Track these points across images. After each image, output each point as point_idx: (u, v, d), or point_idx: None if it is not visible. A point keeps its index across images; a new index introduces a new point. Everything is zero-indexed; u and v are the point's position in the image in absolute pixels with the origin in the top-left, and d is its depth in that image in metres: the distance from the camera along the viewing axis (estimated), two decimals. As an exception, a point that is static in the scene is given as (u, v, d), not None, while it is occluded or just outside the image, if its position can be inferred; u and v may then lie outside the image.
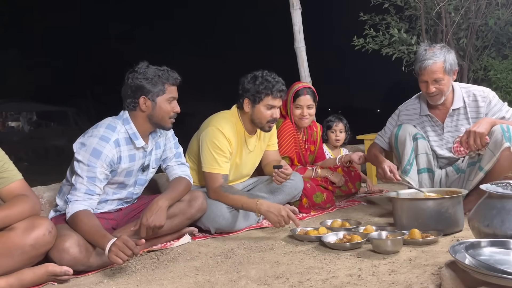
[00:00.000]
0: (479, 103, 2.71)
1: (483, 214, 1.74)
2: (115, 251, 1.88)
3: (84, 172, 2.14)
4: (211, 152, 2.63)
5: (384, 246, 2.01)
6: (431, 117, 2.82)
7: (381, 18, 5.44)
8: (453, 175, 2.80)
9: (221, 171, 2.64)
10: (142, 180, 2.45)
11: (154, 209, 2.20)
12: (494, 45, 5.21)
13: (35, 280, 1.90)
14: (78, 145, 2.20)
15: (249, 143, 2.83)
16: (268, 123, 2.73)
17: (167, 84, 2.29)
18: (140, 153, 2.34)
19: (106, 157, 2.17)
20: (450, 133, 2.77)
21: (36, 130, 23.57)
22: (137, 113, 2.29)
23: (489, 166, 2.52)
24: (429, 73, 2.62)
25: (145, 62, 2.31)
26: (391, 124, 2.99)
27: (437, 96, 2.69)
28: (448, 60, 2.63)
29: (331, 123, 3.93)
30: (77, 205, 2.11)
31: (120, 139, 2.25)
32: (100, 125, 2.26)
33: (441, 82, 2.64)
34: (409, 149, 2.74)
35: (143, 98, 2.26)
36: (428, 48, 2.67)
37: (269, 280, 1.79)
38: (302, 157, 3.30)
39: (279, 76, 2.75)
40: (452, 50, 2.73)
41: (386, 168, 2.66)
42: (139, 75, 2.25)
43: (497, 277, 1.29)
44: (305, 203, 3.04)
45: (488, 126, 2.48)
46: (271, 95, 2.66)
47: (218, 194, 2.59)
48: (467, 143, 2.47)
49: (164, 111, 2.29)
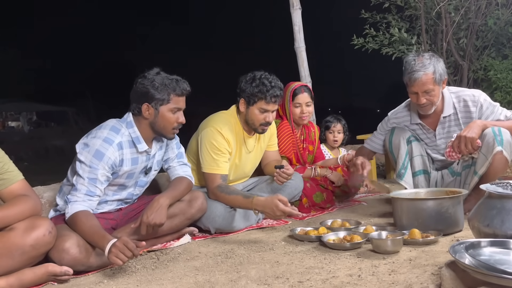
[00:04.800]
0: (470, 108, 2.69)
1: (483, 214, 1.74)
2: (115, 252, 1.88)
3: (86, 173, 2.14)
4: (209, 153, 2.63)
5: (384, 246, 2.01)
6: (423, 126, 2.81)
7: (381, 16, 5.45)
8: (449, 178, 2.81)
9: (220, 171, 2.64)
10: (143, 182, 2.45)
11: (155, 207, 2.20)
12: (494, 45, 5.21)
13: (35, 280, 1.90)
14: (81, 146, 2.19)
15: (248, 144, 2.83)
16: (261, 126, 2.73)
17: (173, 94, 2.24)
18: (143, 156, 2.34)
19: (108, 159, 2.17)
20: (443, 140, 2.77)
21: (36, 130, 23.57)
22: (140, 118, 2.28)
23: (482, 170, 2.53)
24: (419, 85, 2.58)
25: (156, 69, 2.28)
26: (380, 131, 3.00)
27: (428, 106, 2.67)
28: (437, 70, 2.59)
29: (329, 124, 3.93)
30: (76, 206, 2.10)
31: (124, 142, 2.24)
32: (104, 127, 2.25)
33: (431, 93, 2.61)
34: (403, 153, 2.74)
35: (146, 105, 2.24)
36: (417, 57, 2.61)
37: (269, 280, 1.79)
38: (300, 157, 3.31)
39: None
40: (441, 58, 2.70)
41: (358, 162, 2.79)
42: (147, 81, 2.23)
43: (497, 277, 1.29)
44: (305, 203, 3.04)
45: (478, 130, 2.48)
46: (264, 100, 2.64)
47: (216, 194, 2.60)
48: (459, 148, 2.48)
49: (167, 121, 2.26)
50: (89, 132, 2.27)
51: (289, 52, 4.44)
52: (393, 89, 18.16)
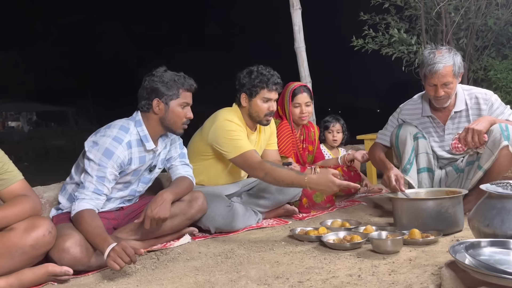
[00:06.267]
0: (481, 105, 2.70)
1: (483, 214, 1.74)
2: (113, 256, 1.88)
3: (94, 171, 2.16)
4: (231, 139, 2.60)
5: (384, 246, 2.01)
6: (433, 119, 2.81)
7: (381, 18, 5.45)
8: (453, 175, 2.80)
9: (250, 147, 2.58)
10: (147, 178, 2.47)
11: (158, 201, 2.22)
12: (494, 45, 5.21)
13: (35, 280, 1.90)
14: (90, 143, 2.21)
15: (251, 140, 2.85)
16: (266, 116, 2.76)
17: (182, 89, 2.32)
18: (150, 155, 2.37)
19: (117, 158, 2.19)
20: (451, 135, 2.76)
21: (36, 130, 23.60)
22: (150, 115, 2.32)
23: (488, 165, 2.52)
24: (440, 77, 2.58)
25: (163, 67, 2.35)
26: (392, 122, 2.98)
27: (445, 99, 2.67)
28: (456, 63, 2.60)
29: (328, 124, 3.95)
30: (83, 204, 2.12)
31: (132, 140, 2.27)
32: (114, 126, 2.28)
33: (450, 85, 2.61)
34: (409, 149, 2.74)
35: (157, 100, 2.29)
36: (436, 50, 2.62)
37: (269, 280, 1.79)
38: (300, 157, 3.31)
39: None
40: (458, 52, 2.71)
41: (393, 177, 2.54)
42: (156, 78, 2.30)
43: (497, 277, 1.29)
44: (305, 203, 3.04)
45: (487, 124, 2.47)
46: (266, 88, 2.70)
47: (265, 168, 2.42)
48: (465, 140, 2.47)
49: (177, 116, 2.32)
50: (97, 130, 2.29)
51: (289, 52, 4.45)
52: (393, 89, 18.11)
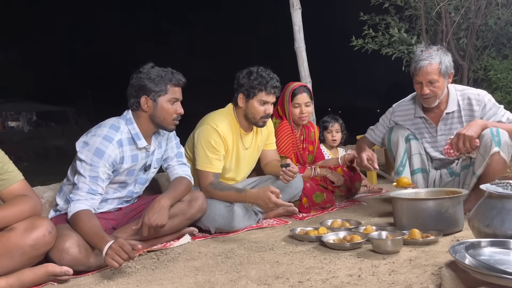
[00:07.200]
0: (474, 106, 2.69)
1: (483, 214, 1.74)
2: (111, 254, 1.88)
3: (87, 171, 2.15)
4: (204, 151, 2.66)
5: (384, 246, 2.01)
6: (426, 120, 2.81)
7: (381, 18, 5.45)
8: (447, 178, 2.81)
9: (213, 169, 2.66)
10: (143, 179, 2.45)
11: (156, 208, 2.21)
12: (494, 45, 5.21)
13: (35, 280, 1.90)
14: (81, 144, 2.20)
15: (245, 140, 2.85)
16: (262, 118, 2.76)
17: (170, 84, 2.28)
18: (142, 153, 2.35)
19: (109, 157, 2.18)
20: (443, 136, 2.77)
21: (36, 130, 23.60)
22: (140, 113, 2.30)
23: (480, 171, 2.53)
24: (424, 74, 2.60)
25: (150, 63, 2.33)
26: (384, 122, 3.00)
27: (431, 98, 2.67)
28: (444, 62, 2.61)
29: (327, 124, 3.96)
30: (78, 205, 2.11)
31: (123, 139, 2.26)
32: (104, 125, 2.27)
33: (436, 84, 2.61)
34: (401, 151, 2.75)
35: (144, 97, 2.26)
36: (425, 49, 2.65)
37: (269, 280, 1.79)
38: (300, 157, 3.31)
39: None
40: (449, 52, 2.72)
41: (364, 156, 2.75)
42: (142, 75, 2.27)
43: (497, 277, 1.29)
44: (305, 203, 3.04)
45: (478, 129, 2.47)
46: (264, 91, 2.70)
47: (209, 191, 2.62)
48: (457, 146, 2.47)
49: (166, 112, 2.29)
50: (88, 130, 2.28)
51: (289, 52, 4.45)
52: (393, 89, 18.12)
